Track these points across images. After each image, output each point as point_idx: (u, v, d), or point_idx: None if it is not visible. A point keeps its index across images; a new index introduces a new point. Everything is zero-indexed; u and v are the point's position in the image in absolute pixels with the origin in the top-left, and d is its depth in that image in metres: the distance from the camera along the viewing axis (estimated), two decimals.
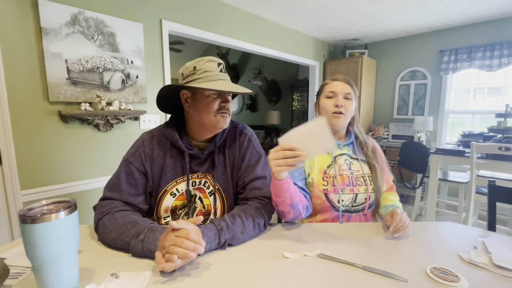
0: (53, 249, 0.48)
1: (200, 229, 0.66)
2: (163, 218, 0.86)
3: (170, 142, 0.86)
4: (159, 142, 0.86)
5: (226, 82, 0.81)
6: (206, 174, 0.87)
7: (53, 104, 1.55)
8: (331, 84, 0.98)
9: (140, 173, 0.82)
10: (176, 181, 0.85)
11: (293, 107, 4.53)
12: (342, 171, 0.94)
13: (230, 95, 0.84)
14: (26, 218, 0.47)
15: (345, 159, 0.97)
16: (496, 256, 0.65)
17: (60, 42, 1.52)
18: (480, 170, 2.33)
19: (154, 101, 2.01)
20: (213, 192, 0.87)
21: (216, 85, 0.77)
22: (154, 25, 1.96)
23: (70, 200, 0.53)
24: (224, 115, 0.82)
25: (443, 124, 3.27)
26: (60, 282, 0.50)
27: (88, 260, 0.64)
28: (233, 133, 0.91)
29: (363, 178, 0.94)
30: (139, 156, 0.83)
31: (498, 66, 2.79)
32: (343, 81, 0.97)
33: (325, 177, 0.93)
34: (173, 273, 0.59)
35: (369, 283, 0.56)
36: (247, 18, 2.62)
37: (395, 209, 0.83)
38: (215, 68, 0.81)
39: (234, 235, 0.71)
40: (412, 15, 2.73)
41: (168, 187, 0.84)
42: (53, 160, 1.59)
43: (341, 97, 0.95)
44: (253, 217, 0.77)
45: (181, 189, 0.85)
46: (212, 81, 0.79)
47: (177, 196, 0.85)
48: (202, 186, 0.87)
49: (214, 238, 0.67)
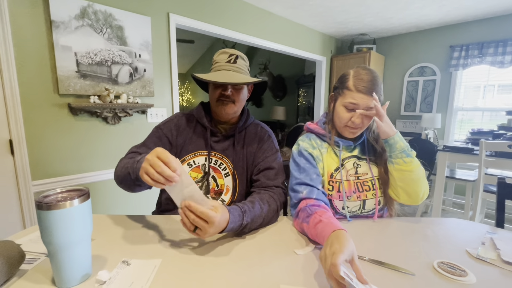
0: (67, 235, 0.50)
1: (227, 208, 0.68)
2: None
3: (196, 120, 0.97)
4: (188, 119, 0.98)
5: (229, 73, 0.88)
6: (223, 157, 0.94)
7: (63, 97, 1.57)
8: (354, 95, 0.80)
9: (166, 139, 0.93)
10: (194, 154, 0.93)
11: (299, 103, 4.51)
12: (350, 176, 0.86)
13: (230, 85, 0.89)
14: (42, 205, 0.48)
15: (353, 162, 0.88)
16: (504, 252, 0.65)
17: (70, 35, 1.54)
18: (488, 168, 2.29)
19: (161, 95, 2.02)
20: (229, 174, 0.93)
21: (213, 76, 0.85)
22: (161, 19, 1.96)
23: (84, 189, 0.55)
24: (224, 103, 0.89)
25: (451, 121, 3.22)
26: (74, 268, 0.52)
27: (100, 248, 0.66)
28: (254, 127, 1.00)
29: (372, 181, 0.86)
30: (169, 125, 0.95)
31: (510, 62, 2.73)
32: (368, 94, 0.79)
33: (331, 181, 0.85)
34: (183, 260, 0.60)
35: (376, 276, 0.56)
36: (254, 12, 2.60)
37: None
38: (224, 59, 0.89)
39: (254, 218, 0.74)
40: (422, 9, 2.67)
41: (186, 157, 0.92)
42: (63, 152, 1.62)
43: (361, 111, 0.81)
44: (269, 203, 0.80)
45: (198, 162, 0.93)
46: (216, 72, 0.88)
47: (193, 167, 0.92)
48: (218, 167, 0.93)
49: (238, 219, 0.69)
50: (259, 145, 0.96)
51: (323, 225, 0.65)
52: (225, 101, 0.89)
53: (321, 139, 0.91)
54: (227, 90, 0.88)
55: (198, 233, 0.62)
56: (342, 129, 0.87)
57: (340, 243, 0.53)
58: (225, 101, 0.89)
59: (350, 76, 0.83)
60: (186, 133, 0.95)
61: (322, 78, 3.60)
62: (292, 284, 0.53)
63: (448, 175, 2.45)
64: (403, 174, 0.82)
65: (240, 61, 0.91)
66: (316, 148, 0.89)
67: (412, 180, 0.82)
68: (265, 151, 0.94)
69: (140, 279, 0.54)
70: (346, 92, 0.82)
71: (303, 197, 0.79)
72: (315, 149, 0.88)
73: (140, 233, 0.74)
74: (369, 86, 0.79)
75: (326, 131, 0.91)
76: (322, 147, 0.90)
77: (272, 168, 0.91)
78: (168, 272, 0.56)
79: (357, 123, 0.81)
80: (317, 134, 0.92)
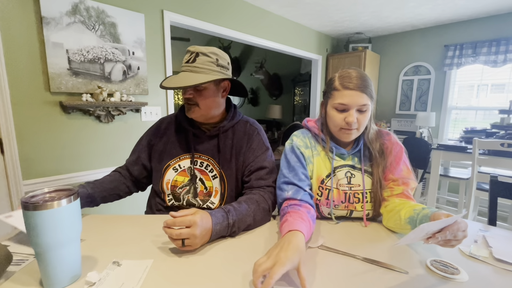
0: (55, 236, 0.48)
1: (208, 212, 0.68)
2: (167, 195, 0.91)
3: (179, 122, 0.95)
4: (169, 122, 0.98)
5: (182, 74, 0.82)
6: (209, 158, 0.90)
7: (55, 95, 1.54)
8: (342, 94, 0.76)
9: (145, 150, 0.97)
10: (179, 158, 0.91)
11: (295, 101, 4.51)
12: (340, 186, 0.82)
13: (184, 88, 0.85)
14: (28, 205, 0.47)
15: (346, 171, 0.84)
16: (496, 250, 0.65)
17: (61, 31, 1.51)
18: (481, 167, 2.32)
19: (155, 93, 2.00)
20: (216, 176, 0.89)
21: (168, 80, 0.84)
22: (155, 16, 1.94)
23: (72, 188, 0.53)
24: (187, 104, 0.87)
25: (445, 120, 3.25)
26: (63, 269, 0.51)
27: (90, 249, 0.64)
28: (243, 125, 0.95)
29: (362, 194, 0.82)
30: (149, 132, 0.99)
31: (503, 61, 2.76)
32: (357, 90, 0.75)
33: (321, 187, 0.83)
34: (175, 260, 0.59)
35: (370, 274, 0.56)
36: (250, 10, 2.59)
37: (444, 213, 0.58)
38: (185, 59, 0.84)
39: (241, 217, 0.72)
40: (417, 8, 2.68)
41: (171, 162, 0.91)
42: (55, 151, 1.59)
43: (353, 111, 0.77)
44: (258, 202, 0.79)
45: (183, 165, 0.90)
46: (175, 74, 0.86)
47: (179, 172, 0.90)
48: (204, 169, 0.90)
49: (222, 219, 0.68)
50: (248, 144, 0.91)
51: (286, 224, 0.66)
52: (189, 104, 0.86)
53: (316, 140, 0.88)
54: (186, 93, 0.84)
55: (187, 243, 0.61)
56: (337, 133, 0.82)
57: (286, 251, 0.53)
58: (189, 104, 0.86)
59: (336, 77, 0.81)
60: (166, 137, 0.94)
61: (318, 77, 3.60)
62: (285, 281, 0.53)
63: (442, 173, 2.47)
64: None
65: (201, 58, 0.81)
66: (309, 148, 0.86)
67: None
68: (255, 150, 0.90)
69: (131, 280, 0.53)
70: (334, 94, 0.79)
71: (288, 197, 0.77)
72: (308, 149, 0.86)
73: (132, 233, 0.73)
74: (356, 82, 0.76)
75: (322, 136, 0.87)
76: (315, 148, 0.86)
77: (263, 167, 0.88)
78: (160, 273, 0.55)
79: (351, 121, 0.76)
80: (313, 134, 0.89)
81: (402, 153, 0.84)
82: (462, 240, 0.54)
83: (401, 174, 0.81)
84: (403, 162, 0.83)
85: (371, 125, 0.85)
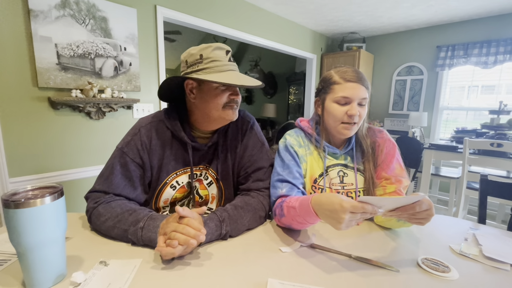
0: (38, 235, 0.47)
1: (202, 219, 0.65)
2: (162, 208, 0.85)
3: (171, 133, 0.79)
4: (157, 131, 0.79)
5: (237, 73, 0.75)
6: (206, 166, 0.85)
7: (43, 90, 1.50)
8: (344, 86, 0.77)
9: (135, 165, 0.75)
10: (176, 173, 0.81)
11: (289, 100, 4.51)
12: (332, 185, 0.83)
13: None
14: (9, 202, 0.45)
15: (338, 170, 0.85)
16: (486, 248, 0.66)
17: (50, 25, 1.46)
18: (472, 166, 2.36)
19: (147, 90, 1.97)
20: (212, 182, 0.86)
21: (227, 78, 0.71)
22: (148, 11, 1.90)
23: (57, 186, 0.51)
24: (233, 108, 0.78)
25: (437, 120, 3.29)
26: (46, 269, 0.49)
27: (76, 248, 0.62)
28: (235, 121, 0.85)
29: (355, 193, 0.83)
30: (135, 145, 0.76)
31: (493, 63, 2.81)
32: (358, 82, 0.77)
33: (314, 186, 0.84)
34: (171, 262, 0.58)
35: (361, 273, 0.56)
36: (244, 7, 2.56)
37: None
38: (224, 57, 0.74)
39: (235, 226, 0.70)
40: (411, 9, 2.71)
41: (168, 180, 0.80)
42: (43, 148, 1.55)
43: (355, 105, 0.77)
44: (256, 210, 0.76)
45: (182, 181, 0.82)
46: (222, 72, 0.73)
47: (177, 189, 0.83)
48: (200, 177, 0.85)
49: (215, 229, 0.66)
50: (242, 142, 0.86)
51: (298, 203, 0.66)
52: (235, 106, 0.78)
53: (309, 139, 0.88)
54: (238, 93, 0.78)
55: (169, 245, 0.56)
56: (337, 128, 0.81)
57: (335, 196, 0.57)
58: (235, 106, 0.78)
59: (333, 73, 0.82)
60: (159, 150, 0.78)
61: (312, 76, 3.60)
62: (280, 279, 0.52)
63: (433, 172, 2.51)
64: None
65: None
66: (303, 147, 0.87)
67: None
68: (251, 149, 0.86)
69: (118, 280, 0.51)
70: (334, 88, 0.80)
71: (282, 194, 0.77)
72: (302, 148, 0.86)
73: None
74: (356, 75, 0.78)
75: (315, 135, 0.87)
76: (308, 148, 0.87)
77: (261, 168, 0.84)
78: (148, 272, 0.54)
79: (354, 113, 0.76)
80: (306, 133, 0.89)
81: (395, 151, 0.84)
82: (430, 218, 0.58)
83: (394, 172, 0.82)
84: (396, 160, 0.83)
85: (363, 122, 0.85)
